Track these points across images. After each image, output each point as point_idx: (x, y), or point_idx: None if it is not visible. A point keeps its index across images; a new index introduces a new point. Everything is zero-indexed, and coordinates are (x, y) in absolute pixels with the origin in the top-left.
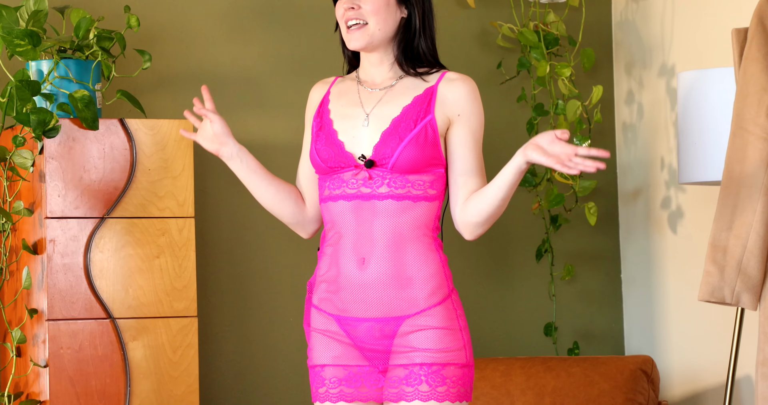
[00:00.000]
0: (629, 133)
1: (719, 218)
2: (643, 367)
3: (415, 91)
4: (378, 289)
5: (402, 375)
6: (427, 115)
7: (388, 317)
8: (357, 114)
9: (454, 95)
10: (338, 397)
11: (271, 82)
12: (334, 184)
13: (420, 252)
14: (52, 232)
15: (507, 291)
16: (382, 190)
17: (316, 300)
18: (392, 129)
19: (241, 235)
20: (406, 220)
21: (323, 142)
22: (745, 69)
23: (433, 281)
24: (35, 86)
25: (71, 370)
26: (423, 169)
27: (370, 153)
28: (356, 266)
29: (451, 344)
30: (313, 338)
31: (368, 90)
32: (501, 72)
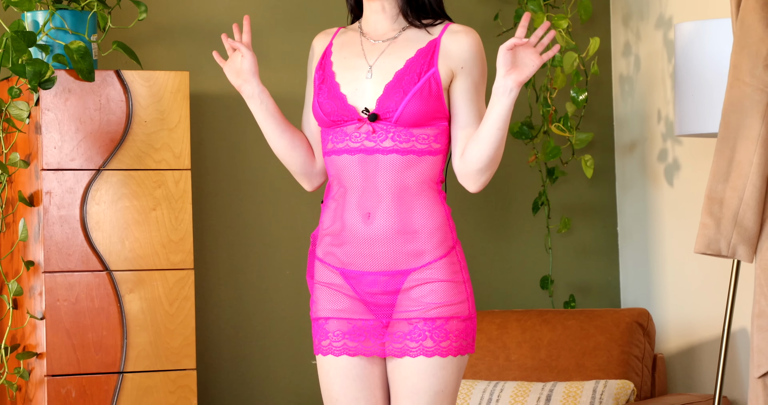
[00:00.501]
0: (626, 86)
1: (715, 170)
2: (639, 319)
3: (418, 43)
4: (383, 242)
5: (406, 330)
6: (430, 68)
7: (393, 270)
8: (360, 65)
9: (457, 47)
10: (341, 351)
11: (269, 33)
12: (337, 137)
13: (425, 205)
14: (48, 183)
15: (503, 244)
16: (386, 144)
17: (321, 253)
18: (396, 82)
19: (238, 188)
20: (411, 174)
21: (325, 95)
22: (742, 20)
23: (439, 234)
24: (31, 37)
25: (68, 322)
26: (427, 123)
27: (373, 106)
28: (361, 220)
29: (455, 297)
30: (317, 291)
31: (371, 41)
32: (498, 24)
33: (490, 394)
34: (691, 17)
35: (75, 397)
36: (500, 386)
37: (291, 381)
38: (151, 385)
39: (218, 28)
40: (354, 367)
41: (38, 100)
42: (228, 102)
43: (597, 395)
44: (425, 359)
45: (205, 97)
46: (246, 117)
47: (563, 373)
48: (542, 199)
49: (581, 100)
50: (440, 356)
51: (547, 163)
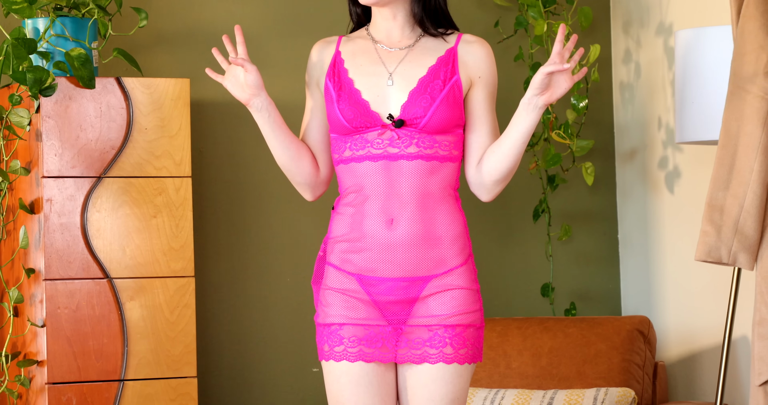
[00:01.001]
0: (626, 93)
1: (716, 178)
2: (639, 327)
3: (436, 51)
4: (407, 248)
5: (426, 337)
6: (453, 75)
7: (415, 277)
8: (379, 72)
9: (474, 57)
10: (357, 356)
11: (268, 40)
12: (357, 144)
13: (448, 212)
14: (48, 191)
15: (504, 251)
16: (411, 149)
17: (335, 260)
18: (420, 88)
19: (239, 195)
20: (434, 180)
21: (346, 102)
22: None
23: (460, 241)
24: (31, 44)
25: (68, 329)
26: (450, 130)
27: (397, 112)
28: (384, 226)
29: (473, 305)
30: (328, 296)
31: (387, 49)
32: (498, 31)
33: (491, 402)
34: (692, 24)
35: (75, 404)
36: (501, 394)
37: (292, 388)
38: (151, 393)
39: (219, 36)
40: (366, 374)
41: (39, 107)
42: (229, 109)
43: (598, 403)
44: (444, 366)
45: (206, 105)
46: (246, 124)
47: (564, 381)
48: (543, 206)
49: (582, 107)
50: (458, 363)
51: (548, 170)
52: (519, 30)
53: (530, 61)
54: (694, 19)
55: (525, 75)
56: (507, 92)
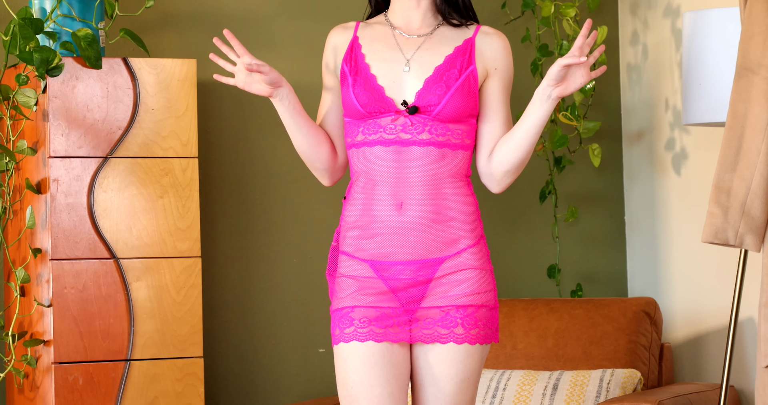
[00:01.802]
0: (634, 74)
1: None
2: (646, 309)
3: (454, 41)
4: (418, 231)
5: (437, 317)
6: (470, 65)
7: (428, 259)
8: (396, 58)
9: (492, 49)
10: (367, 336)
11: (276, 21)
12: (369, 129)
13: (457, 194)
14: (55, 171)
15: (510, 233)
16: (423, 136)
17: (348, 247)
18: (436, 76)
19: (245, 175)
20: (444, 166)
21: (361, 87)
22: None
23: (471, 221)
24: (38, 24)
25: (75, 309)
26: (463, 119)
27: (412, 99)
28: (394, 210)
29: (485, 285)
30: (342, 283)
31: (405, 36)
32: (505, 12)
33: (497, 382)
34: (699, 6)
35: (82, 384)
36: (507, 375)
37: (298, 368)
38: (158, 373)
39: (225, 16)
40: (373, 355)
41: (45, 87)
42: (235, 90)
43: (604, 384)
44: (455, 346)
45: (213, 85)
46: (253, 105)
47: (570, 362)
48: (549, 188)
49: (589, 88)
50: (469, 343)
51: (555, 151)
52: (526, 11)
53: (537, 43)
54: (702, 1)
55: (532, 56)
56: (514, 74)
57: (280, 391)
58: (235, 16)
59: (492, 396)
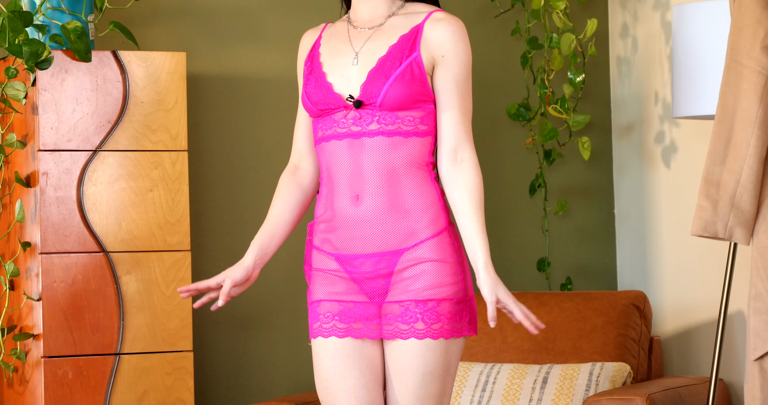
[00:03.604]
0: (623, 67)
1: (713, 152)
2: (635, 302)
3: (401, 30)
4: (374, 223)
5: (397, 312)
6: (412, 52)
7: (386, 251)
8: (346, 52)
9: (438, 36)
10: (330, 332)
11: (263, 13)
12: (326, 125)
13: (415, 184)
14: (45, 164)
15: (500, 226)
16: (372, 127)
17: (317, 241)
18: (378, 68)
19: (235, 169)
20: (399, 155)
21: (313, 85)
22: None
23: (430, 212)
24: (28, 17)
25: (64, 303)
26: (411, 106)
27: (357, 93)
28: (350, 203)
29: (448, 278)
30: (313, 277)
31: (358, 29)
32: (495, 5)
33: (486, 376)
34: None
35: (72, 378)
36: (497, 368)
37: (288, 362)
38: (147, 367)
39: (215, 9)
40: (343, 348)
41: (35, 80)
42: (225, 83)
43: (593, 377)
44: (416, 341)
45: (202, 78)
46: (243, 98)
47: (560, 356)
48: (539, 181)
49: (579, 81)
50: (432, 338)
51: (544, 145)
52: (516, 4)
53: (527, 36)
54: None
55: (522, 49)
56: (504, 67)
57: (269, 384)
58: (225, 9)
59: (482, 390)
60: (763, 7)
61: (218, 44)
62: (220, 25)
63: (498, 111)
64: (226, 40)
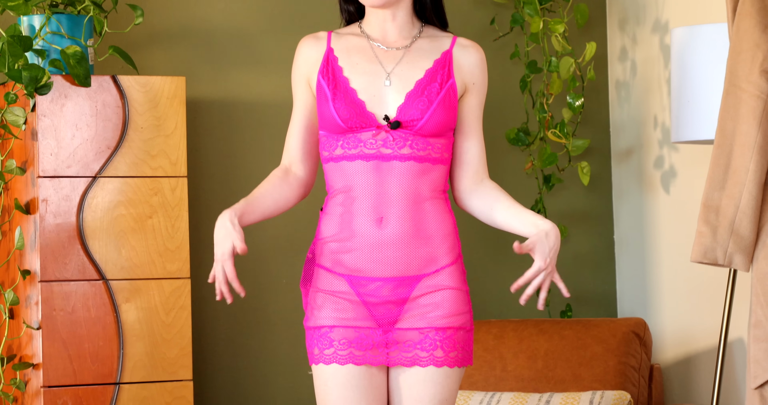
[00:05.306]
0: (622, 91)
1: (712, 178)
2: (635, 329)
3: (432, 54)
4: (397, 246)
5: (416, 339)
6: (449, 78)
7: (405, 276)
8: (376, 72)
9: (469, 62)
10: (347, 359)
11: (263, 37)
12: (349, 143)
13: (437, 211)
14: (44, 191)
15: (499, 252)
16: (404, 151)
17: (326, 261)
18: (418, 90)
19: (235, 195)
20: (425, 181)
21: (342, 101)
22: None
23: (449, 239)
24: (27, 42)
25: (64, 332)
26: (443, 133)
27: (393, 114)
28: (374, 225)
29: (463, 307)
30: (318, 298)
31: (383, 48)
32: (494, 28)
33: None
34: (688, 22)
35: None
36: (497, 397)
37: (288, 391)
38: (147, 396)
39: (215, 33)
40: (354, 377)
41: (34, 105)
42: (224, 108)
43: None
44: (434, 369)
45: (202, 103)
46: (242, 123)
47: (560, 384)
48: (539, 206)
49: (578, 106)
50: (448, 366)
51: (544, 170)
52: (515, 27)
53: (526, 59)
54: (690, 17)
55: (521, 73)
56: (503, 90)
57: None
58: (224, 33)
59: None
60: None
61: (217, 69)
62: (219, 50)
63: (497, 136)
64: (226, 64)
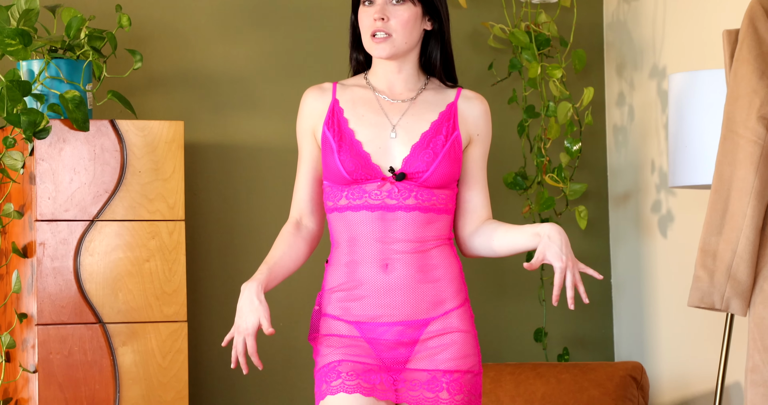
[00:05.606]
0: (620, 136)
1: (709, 222)
2: (632, 373)
3: (437, 106)
4: (404, 290)
5: (424, 379)
6: (454, 131)
7: (414, 320)
8: (382, 124)
9: (474, 114)
10: (355, 388)
11: (261, 82)
12: (354, 194)
13: (443, 255)
14: (42, 234)
15: (497, 296)
16: (409, 202)
17: (333, 310)
18: (423, 143)
19: (232, 239)
20: (430, 230)
21: (347, 153)
22: (735, 71)
23: (456, 282)
24: (26, 86)
25: (60, 375)
26: (448, 185)
27: (398, 166)
28: (380, 271)
29: (471, 350)
30: (326, 341)
31: (389, 100)
32: (492, 73)
33: None
34: (685, 68)
35: None
36: None
37: None
38: None
39: (213, 78)
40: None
41: (33, 149)
42: (222, 152)
43: None
44: None
45: (200, 147)
46: (241, 167)
47: None
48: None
49: (575, 150)
50: None
51: (541, 213)
52: (513, 72)
53: (524, 104)
54: (688, 63)
55: (519, 118)
56: (501, 135)
57: None
58: (222, 78)
59: None
60: (758, 77)
61: (216, 113)
62: (218, 94)
63: (495, 180)
64: (224, 108)
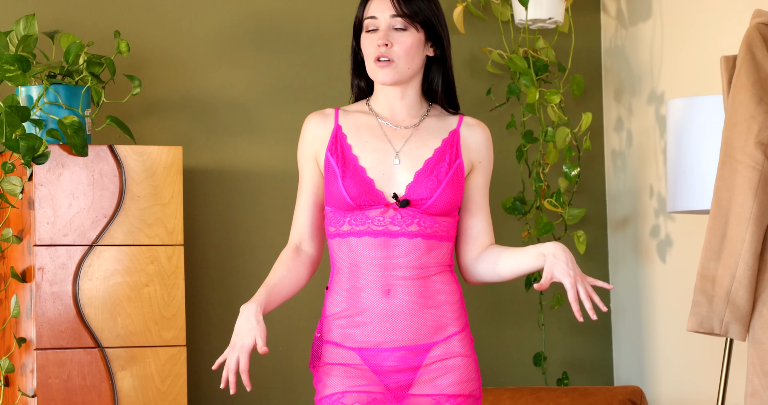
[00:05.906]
0: (618, 161)
1: (708, 247)
2: (632, 397)
3: (440, 133)
4: (405, 316)
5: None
6: (457, 158)
7: (417, 345)
8: (385, 150)
9: (476, 141)
10: None
11: (260, 107)
12: (356, 220)
13: (444, 282)
14: (41, 259)
15: (496, 320)
16: (412, 228)
17: (335, 336)
18: (427, 170)
19: (231, 264)
20: (432, 256)
21: (351, 179)
22: (733, 97)
23: (457, 307)
24: (25, 112)
25: (60, 400)
26: (450, 212)
27: (402, 192)
28: (381, 297)
29: (473, 374)
30: (329, 370)
31: (392, 127)
32: (490, 98)
33: None
34: (683, 93)
35: None
36: None
37: None
38: None
39: (212, 103)
40: None
41: (31, 175)
42: (221, 177)
43: None
44: None
45: (199, 172)
46: (239, 192)
47: None
48: (535, 275)
49: (574, 175)
50: None
51: (540, 238)
52: (511, 98)
53: (522, 129)
54: (686, 89)
55: (517, 143)
56: (499, 160)
57: None
58: (221, 103)
59: None
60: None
61: (214, 138)
62: (217, 119)
63: (494, 204)
64: (223, 133)
